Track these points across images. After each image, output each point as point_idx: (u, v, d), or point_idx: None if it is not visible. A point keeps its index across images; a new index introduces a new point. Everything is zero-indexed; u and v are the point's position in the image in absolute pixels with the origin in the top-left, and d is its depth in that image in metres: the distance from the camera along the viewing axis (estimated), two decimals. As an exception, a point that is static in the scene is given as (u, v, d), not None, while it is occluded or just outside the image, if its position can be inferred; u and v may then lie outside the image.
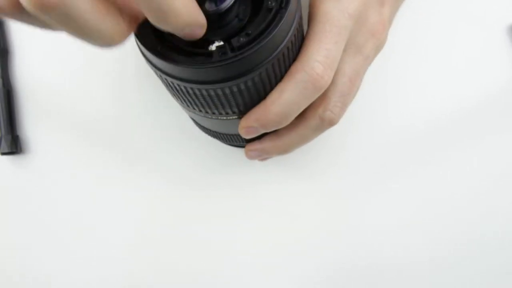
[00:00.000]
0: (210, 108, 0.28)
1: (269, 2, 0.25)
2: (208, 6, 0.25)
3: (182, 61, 0.24)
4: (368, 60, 0.32)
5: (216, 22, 0.25)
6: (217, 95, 0.26)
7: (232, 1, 0.25)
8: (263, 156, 0.36)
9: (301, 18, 0.27)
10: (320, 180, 0.40)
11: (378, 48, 0.32)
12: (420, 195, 0.40)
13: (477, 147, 0.39)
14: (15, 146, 0.40)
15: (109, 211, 0.41)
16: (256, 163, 0.41)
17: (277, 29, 0.24)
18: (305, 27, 0.30)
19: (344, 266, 0.40)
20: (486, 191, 0.40)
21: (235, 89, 0.25)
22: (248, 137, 0.31)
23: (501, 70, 0.39)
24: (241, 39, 0.24)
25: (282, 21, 0.24)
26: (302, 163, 0.41)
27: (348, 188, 0.40)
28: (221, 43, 0.25)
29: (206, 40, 0.25)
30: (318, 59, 0.27)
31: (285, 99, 0.28)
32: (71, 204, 0.41)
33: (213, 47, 0.25)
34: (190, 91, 0.26)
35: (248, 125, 0.29)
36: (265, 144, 0.34)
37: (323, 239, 0.40)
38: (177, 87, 0.26)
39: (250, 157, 0.36)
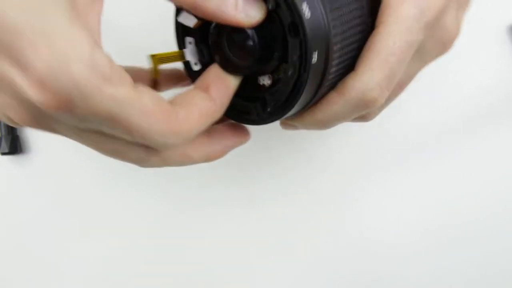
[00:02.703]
0: None
1: (287, 71, 0.23)
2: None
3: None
4: (426, 64, 0.28)
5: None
6: None
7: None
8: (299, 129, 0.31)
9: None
10: (317, 182, 0.40)
11: (442, 54, 0.28)
12: (423, 197, 0.40)
13: (477, 148, 0.39)
14: (15, 146, 0.40)
15: (109, 211, 0.41)
16: (255, 160, 0.40)
17: (303, 95, 0.23)
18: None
19: (343, 269, 0.40)
20: (489, 196, 0.40)
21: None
22: (285, 129, 0.29)
23: (501, 70, 0.39)
24: (271, 104, 0.24)
25: (305, 88, 0.23)
26: (300, 164, 0.40)
27: (345, 189, 0.40)
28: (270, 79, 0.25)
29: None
30: (378, 81, 0.24)
31: (333, 111, 0.25)
32: (71, 204, 0.42)
33: (261, 80, 0.25)
34: None
35: (291, 123, 0.27)
36: (304, 120, 0.28)
37: (320, 241, 0.40)
38: None
39: (285, 128, 0.31)
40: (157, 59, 0.25)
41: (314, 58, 0.22)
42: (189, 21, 0.24)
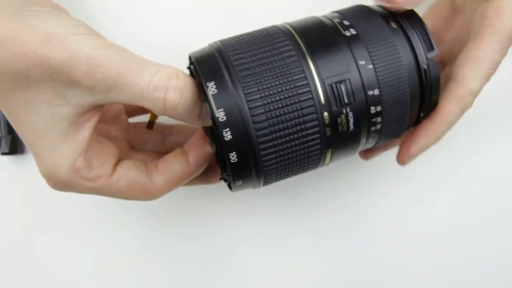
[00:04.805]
0: None
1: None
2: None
3: None
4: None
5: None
6: None
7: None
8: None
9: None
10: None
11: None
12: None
13: (476, 150, 0.39)
14: (15, 146, 0.41)
15: (109, 212, 0.41)
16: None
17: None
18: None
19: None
20: (491, 199, 0.39)
21: None
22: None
23: (501, 70, 0.39)
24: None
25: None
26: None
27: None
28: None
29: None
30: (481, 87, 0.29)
31: (452, 120, 0.30)
32: (71, 204, 0.42)
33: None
34: None
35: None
36: (427, 137, 0.31)
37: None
38: None
39: (404, 162, 0.32)
40: None
41: (233, 158, 0.27)
42: None
